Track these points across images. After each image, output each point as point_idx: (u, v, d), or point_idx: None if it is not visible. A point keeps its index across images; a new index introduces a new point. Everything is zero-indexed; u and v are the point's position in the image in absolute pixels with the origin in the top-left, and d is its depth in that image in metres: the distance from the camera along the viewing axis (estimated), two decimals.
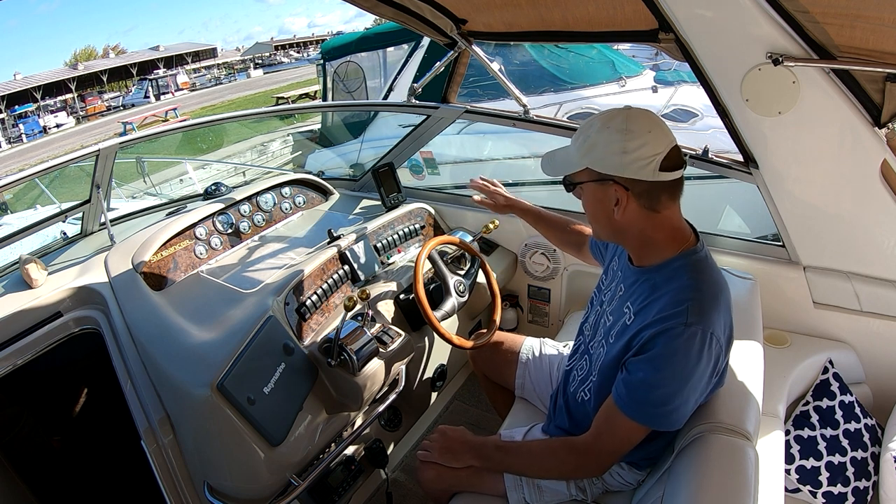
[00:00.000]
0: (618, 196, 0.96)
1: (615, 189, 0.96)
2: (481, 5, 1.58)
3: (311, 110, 7.03)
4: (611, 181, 0.95)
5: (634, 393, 0.95)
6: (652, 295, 0.98)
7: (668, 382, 0.92)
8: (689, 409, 0.97)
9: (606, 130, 0.94)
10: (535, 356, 1.53)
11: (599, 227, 1.05)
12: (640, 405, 0.95)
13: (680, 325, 0.91)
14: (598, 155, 0.95)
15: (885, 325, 1.48)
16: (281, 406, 1.25)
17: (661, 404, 0.94)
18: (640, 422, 0.96)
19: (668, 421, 0.96)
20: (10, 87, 30.92)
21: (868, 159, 1.27)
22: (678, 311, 0.92)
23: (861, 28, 1.01)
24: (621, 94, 4.17)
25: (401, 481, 1.76)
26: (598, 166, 0.96)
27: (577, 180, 1.01)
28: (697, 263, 0.98)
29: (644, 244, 1.01)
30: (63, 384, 2.05)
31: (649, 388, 0.94)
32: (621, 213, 0.97)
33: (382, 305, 1.58)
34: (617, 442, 1.01)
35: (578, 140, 0.99)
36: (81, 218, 2.09)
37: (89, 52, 49.33)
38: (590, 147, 0.96)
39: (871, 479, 1.37)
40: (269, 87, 26.09)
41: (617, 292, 1.11)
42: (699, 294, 0.93)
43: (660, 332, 0.92)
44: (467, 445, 1.22)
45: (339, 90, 5.97)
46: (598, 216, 1.02)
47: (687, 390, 0.93)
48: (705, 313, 0.92)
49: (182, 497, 1.32)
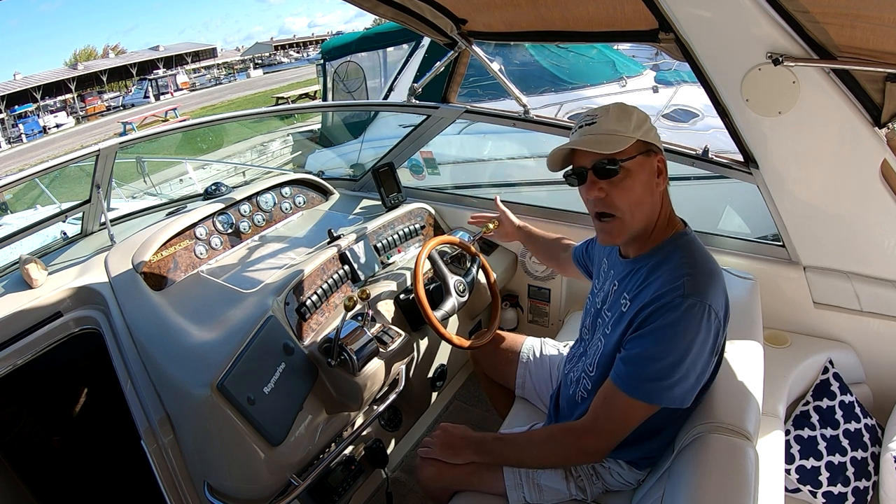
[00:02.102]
0: (660, 166, 1.00)
1: (658, 158, 1.00)
2: (481, 5, 1.57)
3: (311, 110, 7.03)
4: (653, 152, 1.00)
5: (632, 368, 0.95)
6: (647, 279, 0.99)
7: (667, 355, 0.92)
8: (690, 386, 0.94)
9: (636, 109, 1.00)
10: (536, 356, 1.53)
11: (640, 210, 1.00)
12: (638, 381, 0.94)
13: (678, 297, 0.92)
14: (647, 126, 0.99)
15: (885, 325, 1.48)
16: (281, 406, 1.25)
17: (659, 378, 0.92)
18: (639, 398, 0.95)
19: (667, 396, 0.94)
20: (10, 87, 30.91)
21: (868, 159, 1.27)
22: (675, 287, 0.93)
23: (861, 28, 1.01)
24: (622, 94, 4.17)
25: (401, 481, 1.75)
26: (648, 136, 0.99)
27: (629, 155, 0.98)
28: (688, 244, 1.01)
29: (655, 228, 1.03)
30: (63, 384, 2.05)
31: (647, 361, 0.93)
32: (661, 186, 1.01)
33: (382, 305, 1.58)
34: (615, 421, 0.99)
35: (621, 117, 0.99)
36: (81, 218, 2.09)
37: (89, 52, 49.34)
38: (638, 122, 0.99)
39: (871, 479, 1.37)
40: (268, 87, 26.09)
41: (611, 290, 1.12)
42: (694, 270, 0.95)
43: (657, 308, 0.93)
44: (467, 441, 1.22)
45: (339, 90, 5.96)
46: (643, 196, 1.00)
47: (686, 364, 0.92)
48: (702, 287, 0.93)
49: (182, 497, 1.32)
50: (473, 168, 4.14)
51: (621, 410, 0.97)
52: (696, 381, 0.95)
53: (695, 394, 0.97)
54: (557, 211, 1.96)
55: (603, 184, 0.99)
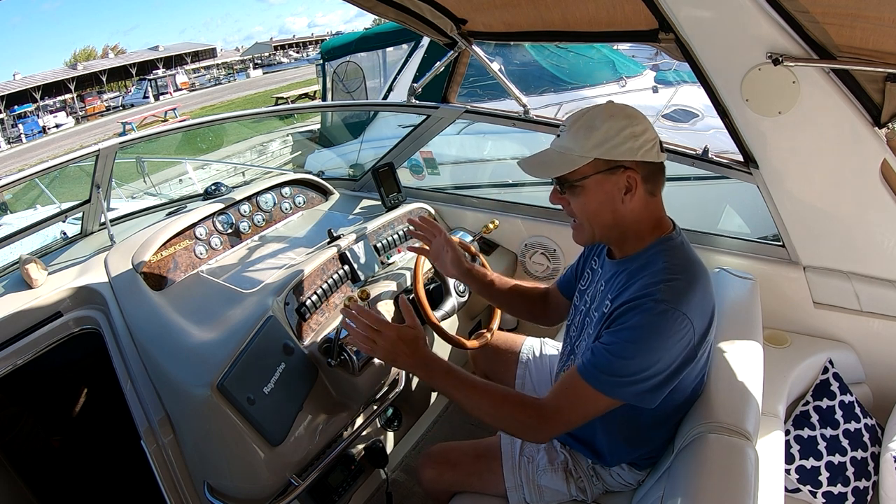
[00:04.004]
0: (629, 183, 0.97)
1: (627, 176, 0.96)
2: (481, 5, 1.58)
3: (311, 110, 7.04)
4: (621, 168, 0.96)
5: (596, 359, 0.94)
6: (628, 282, 0.99)
7: (630, 355, 0.91)
8: (650, 388, 0.92)
9: (612, 119, 0.95)
10: (536, 356, 1.53)
11: (598, 222, 1.01)
12: (598, 371, 0.93)
13: (651, 301, 0.91)
14: (612, 143, 0.95)
15: (885, 325, 1.48)
16: (281, 406, 1.25)
17: (618, 374, 0.92)
18: (597, 388, 0.93)
19: (623, 393, 0.93)
20: (10, 87, 30.92)
21: (868, 159, 1.27)
22: (651, 291, 0.92)
23: (861, 28, 1.01)
24: (622, 94, 4.17)
25: (401, 481, 1.75)
26: (611, 154, 0.95)
27: (582, 175, 0.97)
28: (673, 249, 0.99)
29: (632, 234, 1.02)
30: (63, 384, 2.05)
31: (610, 356, 0.92)
32: (630, 201, 0.98)
33: (382, 305, 1.58)
34: (572, 408, 0.97)
35: (578, 134, 0.96)
36: (81, 218, 2.09)
37: (89, 52, 49.40)
38: (601, 138, 0.95)
39: (871, 479, 1.38)
40: (268, 87, 26.10)
41: (598, 290, 1.11)
42: (673, 276, 0.94)
43: (631, 308, 0.93)
44: (415, 355, 1.06)
45: (339, 90, 5.97)
46: (601, 210, 0.99)
47: (648, 367, 0.91)
48: (678, 294, 0.92)
49: (182, 497, 1.32)
50: (473, 168, 4.14)
51: (580, 397, 0.96)
52: (660, 386, 0.93)
53: (660, 397, 0.95)
54: (557, 211, 1.96)
55: (565, 193, 1.02)
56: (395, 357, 1.06)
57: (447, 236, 1.39)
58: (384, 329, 1.06)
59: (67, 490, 1.95)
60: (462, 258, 1.39)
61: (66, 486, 1.95)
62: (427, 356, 1.07)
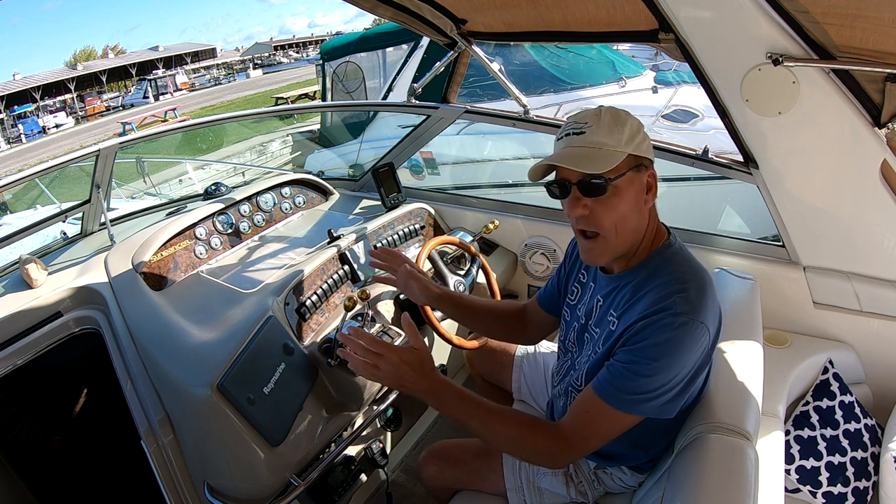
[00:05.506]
0: (650, 181, 0.95)
1: (649, 174, 0.95)
2: (481, 5, 1.58)
3: (311, 110, 7.04)
4: (643, 166, 0.94)
5: (615, 378, 0.91)
6: (635, 295, 0.95)
7: (655, 372, 0.89)
8: (672, 398, 0.91)
9: (630, 117, 0.94)
10: (530, 356, 1.52)
11: (625, 227, 0.94)
12: (619, 391, 0.90)
13: (669, 315, 0.88)
14: (640, 138, 0.93)
15: (885, 325, 1.48)
16: (281, 406, 1.25)
17: (642, 392, 0.89)
18: (619, 408, 0.90)
19: (647, 407, 0.91)
20: (10, 88, 30.91)
21: (868, 159, 1.27)
22: (666, 304, 0.89)
23: (861, 28, 1.01)
24: (621, 95, 4.17)
25: (401, 481, 1.75)
26: (640, 150, 0.92)
27: (618, 173, 0.91)
28: (675, 256, 0.97)
29: (640, 244, 0.99)
30: (63, 384, 2.05)
31: (633, 375, 0.89)
32: (650, 202, 0.96)
33: (382, 305, 1.58)
34: (592, 430, 0.94)
35: (613, 128, 0.91)
36: (81, 218, 2.09)
37: (89, 52, 49.40)
38: (631, 133, 0.92)
39: (871, 479, 1.37)
40: (268, 87, 26.10)
41: (595, 305, 1.07)
42: (685, 286, 0.91)
43: (650, 324, 0.89)
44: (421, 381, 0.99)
45: (339, 90, 5.97)
46: (630, 214, 0.94)
47: (673, 380, 0.89)
48: (694, 303, 0.90)
49: (182, 497, 1.32)
50: (473, 168, 4.14)
51: (601, 418, 0.93)
52: (679, 395, 0.92)
53: (680, 404, 0.94)
54: (557, 211, 1.96)
55: (588, 201, 0.93)
56: (401, 382, 0.99)
57: (408, 267, 1.32)
58: (385, 352, 0.98)
59: (67, 490, 1.95)
60: (430, 285, 1.30)
61: (66, 486, 1.95)
62: (436, 380, 1.00)
